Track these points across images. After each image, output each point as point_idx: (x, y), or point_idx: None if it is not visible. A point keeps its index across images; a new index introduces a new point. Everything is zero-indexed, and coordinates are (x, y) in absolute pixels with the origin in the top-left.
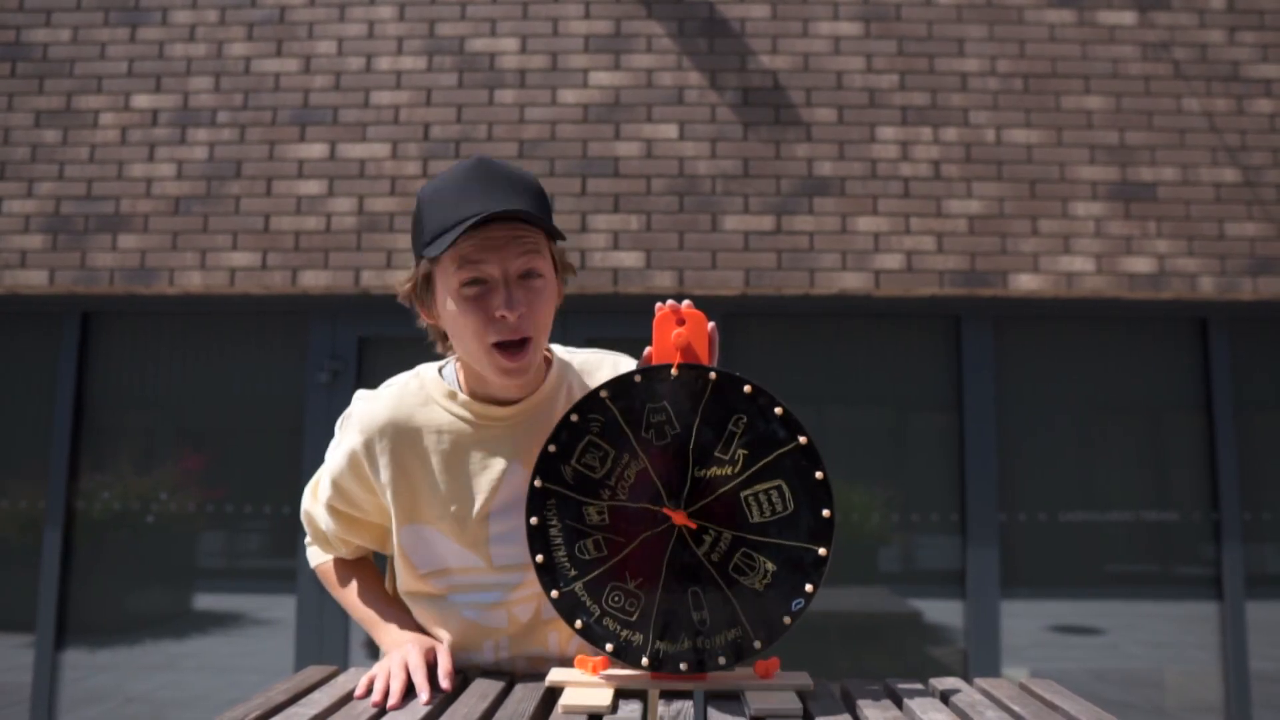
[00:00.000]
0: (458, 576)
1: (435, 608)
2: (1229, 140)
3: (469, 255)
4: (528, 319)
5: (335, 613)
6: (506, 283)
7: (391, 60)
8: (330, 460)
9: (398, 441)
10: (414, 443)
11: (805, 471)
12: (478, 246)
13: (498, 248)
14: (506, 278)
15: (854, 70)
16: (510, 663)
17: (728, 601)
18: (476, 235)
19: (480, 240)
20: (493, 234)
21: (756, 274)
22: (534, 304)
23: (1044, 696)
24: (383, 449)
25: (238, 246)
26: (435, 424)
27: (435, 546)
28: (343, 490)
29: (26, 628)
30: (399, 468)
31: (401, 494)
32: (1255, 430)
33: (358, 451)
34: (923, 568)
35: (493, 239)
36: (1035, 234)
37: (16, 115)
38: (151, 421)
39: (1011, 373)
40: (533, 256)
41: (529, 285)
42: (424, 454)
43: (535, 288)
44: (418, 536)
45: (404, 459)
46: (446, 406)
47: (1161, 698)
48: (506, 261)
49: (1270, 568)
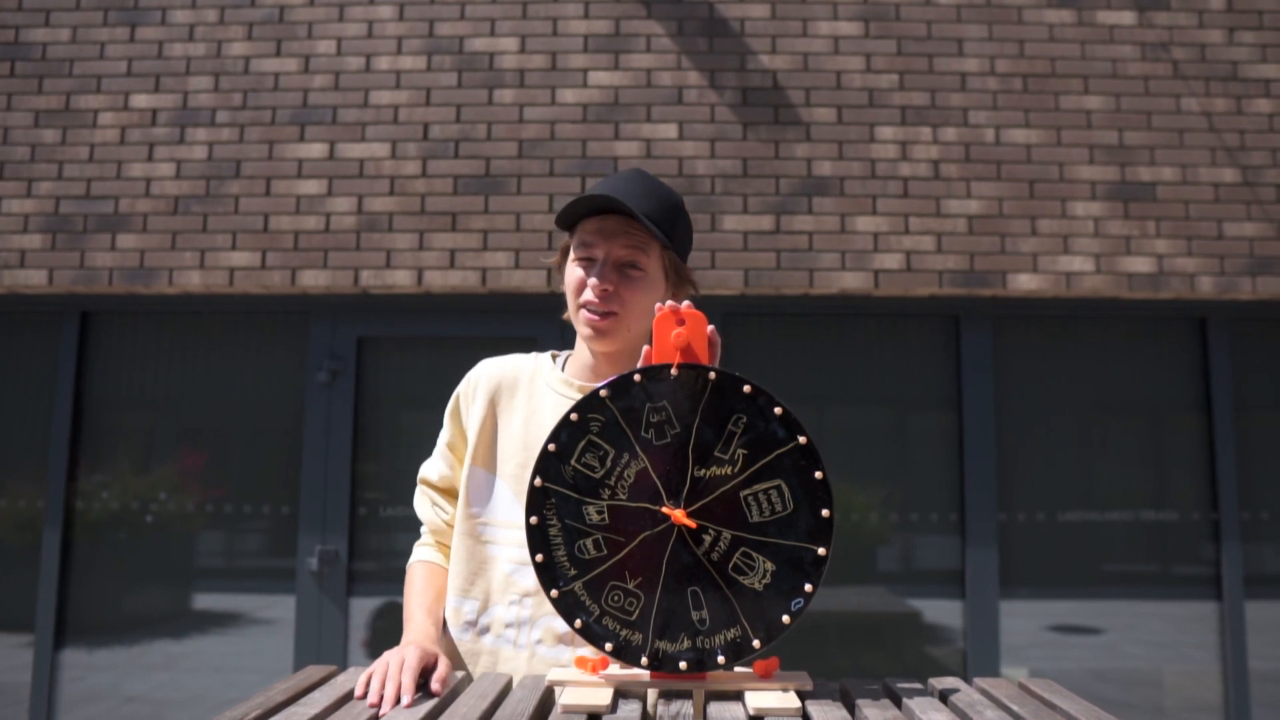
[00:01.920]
0: (501, 530)
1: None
2: (1228, 140)
3: (585, 238)
4: (614, 298)
5: (334, 613)
6: (605, 264)
7: (391, 60)
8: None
9: (496, 392)
10: (509, 397)
11: (805, 471)
12: (593, 232)
13: (607, 236)
14: (607, 260)
15: (853, 70)
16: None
17: (727, 601)
18: (596, 221)
19: (597, 226)
20: (607, 225)
21: (756, 274)
22: (625, 288)
23: (1043, 696)
24: (483, 393)
25: (237, 246)
26: (532, 389)
27: (495, 494)
28: (448, 427)
29: (25, 627)
30: (489, 413)
31: (482, 436)
32: (1254, 430)
33: (464, 390)
34: (922, 567)
35: (606, 229)
36: (1034, 234)
37: (16, 115)
38: (151, 421)
39: (1011, 372)
40: (636, 251)
41: (625, 273)
42: (513, 410)
43: (631, 276)
44: (483, 480)
45: (496, 407)
46: (546, 378)
47: (1161, 697)
48: (611, 248)
49: (1269, 567)
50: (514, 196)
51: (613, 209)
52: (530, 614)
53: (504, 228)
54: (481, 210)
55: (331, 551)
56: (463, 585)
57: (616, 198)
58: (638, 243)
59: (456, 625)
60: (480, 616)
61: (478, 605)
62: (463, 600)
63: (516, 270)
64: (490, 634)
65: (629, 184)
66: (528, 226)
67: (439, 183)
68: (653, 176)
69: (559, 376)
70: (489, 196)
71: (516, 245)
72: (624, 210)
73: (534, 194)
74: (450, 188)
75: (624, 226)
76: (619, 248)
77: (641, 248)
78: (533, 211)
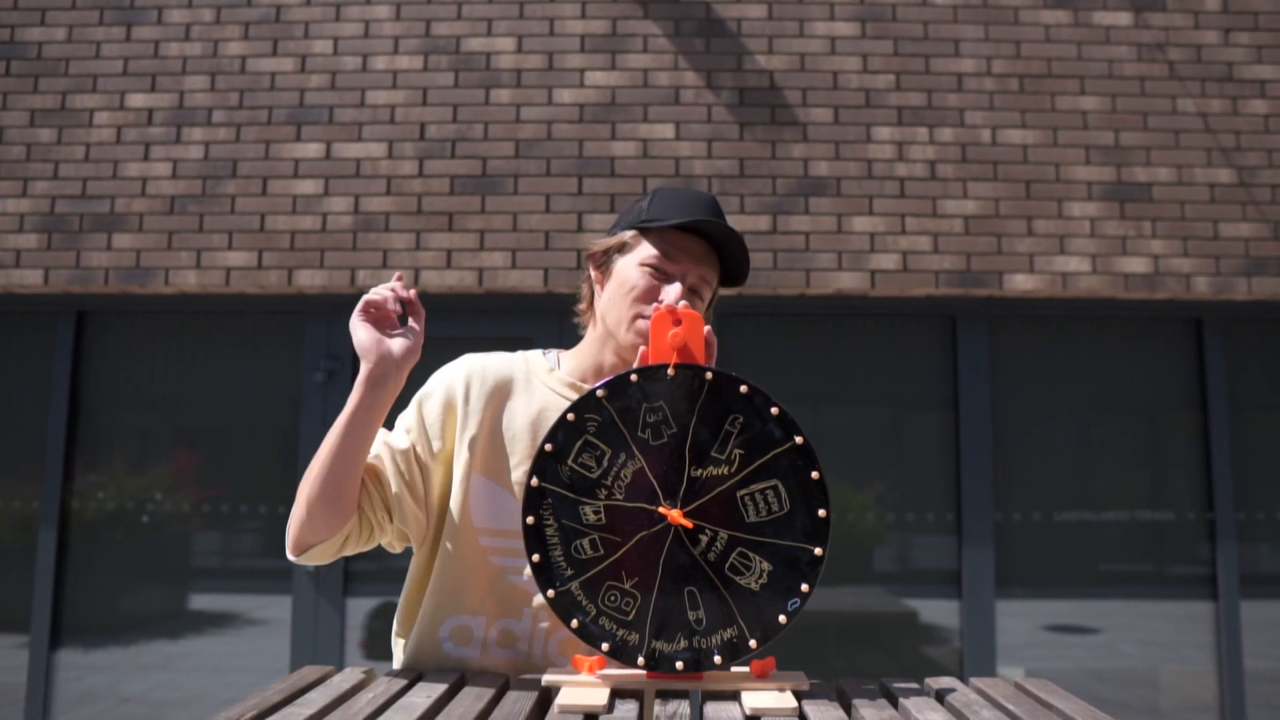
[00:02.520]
0: (512, 540)
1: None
2: (1224, 141)
3: (671, 250)
4: None
5: (330, 613)
6: (684, 283)
7: (387, 60)
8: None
9: (495, 391)
10: (507, 399)
11: (801, 471)
12: (683, 248)
13: (695, 257)
14: (685, 280)
15: (850, 70)
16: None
17: (724, 601)
18: (687, 237)
19: (687, 243)
20: (696, 248)
21: (752, 274)
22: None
23: (1039, 696)
24: (480, 393)
25: (233, 246)
26: (529, 389)
27: (503, 504)
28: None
29: (21, 628)
30: (489, 415)
31: (483, 442)
32: (1250, 430)
33: (456, 384)
34: (918, 567)
35: (694, 250)
36: (1031, 234)
37: (11, 114)
38: (147, 421)
39: (1007, 373)
40: (704, 285)
41: (691, 299)
42: (513, 412)
43: (693, 304)
44: (489, 490)
45: (496, 410)
46: (544, 379)
47: (1157, 697)
48: (690, 271)
49: (1265, 567)
50: (511, 196)
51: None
52: (547, 626)
53: (501, 228)
54: (478, 210)
55: None
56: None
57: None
58: (710, 275)
59: (464, 644)
60: (489, 632)
61: (485, 621)
62: (469, 618)
63: (513, 270)
64: (502, 650)
65: (716, 212)
66: (524, 227)
67: (435, 183)
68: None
69: (559, 378)
70: (486, 196)
71: (513, 245)
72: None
73: (531, 194)
74: (447, 188)
75: (707, 254)
76: (698, 274)
77: (709, 282)
78: (529, 211)
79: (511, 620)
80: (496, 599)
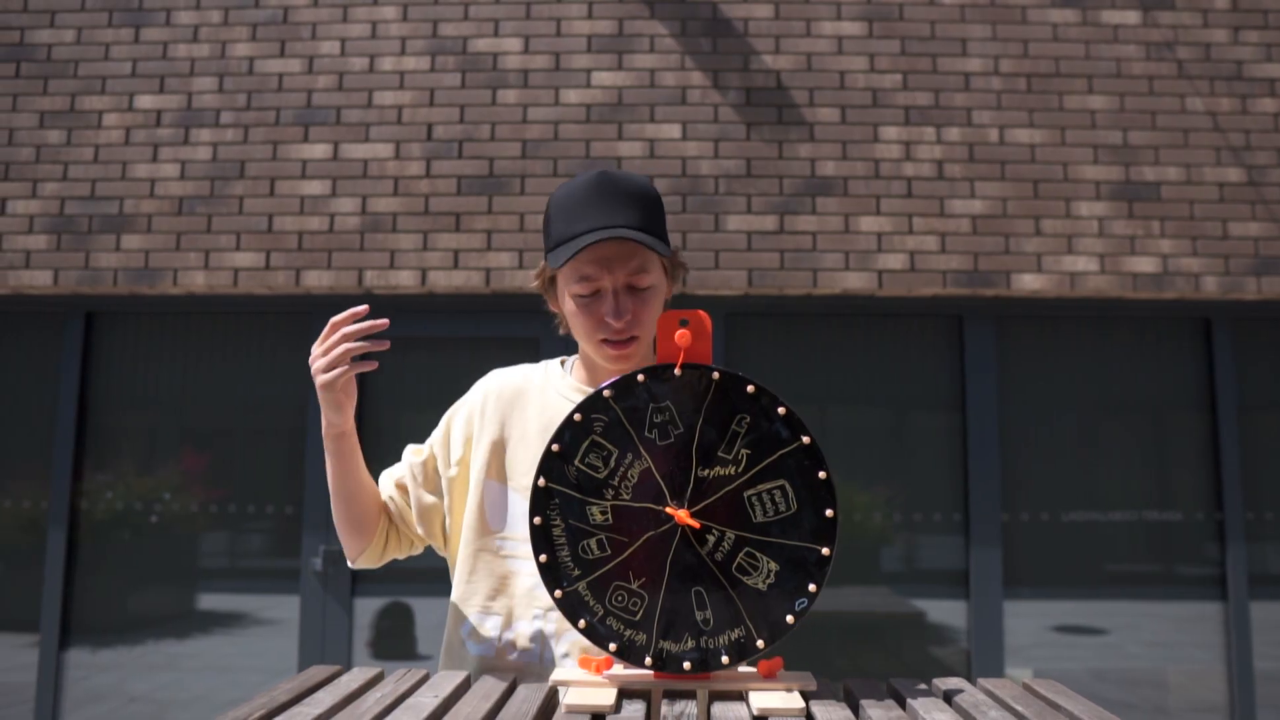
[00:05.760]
0: (523, 544)
1: (496, 567)
2: (1233, 140)
3: (583, 271)
4: (634, 322)
5: (338, 613)
6: (615, 293)
7: (394, 60)
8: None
9: (508, 404)
10: (521, 408)
11: (808, 471)
12: (592, 263)
13: (609, 264)
14: (616, 289)
15: (857, 70)
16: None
17: (731, 601)
18: (591, 251)
19: (594, 257)
20: (605, 252)
21: (759, 274)
22: (640, 310)
23: (1047, 697)
24: (494, 407)
25: (241, 247)
26: (543, 398)
27: (512, 508)
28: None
29: (30, 628)
30: (501, 426)
31: (497, 448)
32: (1258, 430)
33: (475, 398)
34: (926, 567)
35: (605, 257)
36: (1038, 234)
37: (21, 116)
38: (154, 421)
39: (1014, 373)
40: (640, 274)
41: (636, 294)
42: (527, 420)
43: (643, 296)
44: (500, 495)
45: (508, 420)
46: (557, 386)
47: (1165, 698)
48: (616, 276)
49: (1274, 567)
50: (517, 197)
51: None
52: (555, 628)
53: (508, 228)
54: (485, 211)
55: (336, 552)
56: (484, 602)
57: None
58: (639, 263)
59: (480, 643)
60: (504, 632)
61: (501, 620)
62: (484, 617)
63: (520, 270)
64: (516, 650)
65: (606, 199)
66: (531, 227)
67: (442, 183)
68: (620, 173)
69: (569, 383)
70: (492, 197)
71: (520, 245)
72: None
73: (537, 194)
74: (454, 188)
75: (620, 250)
76: (624, 275)
77: (644, 267)
78: (536, 212)
79: (525, 621)
80: (511, 600)
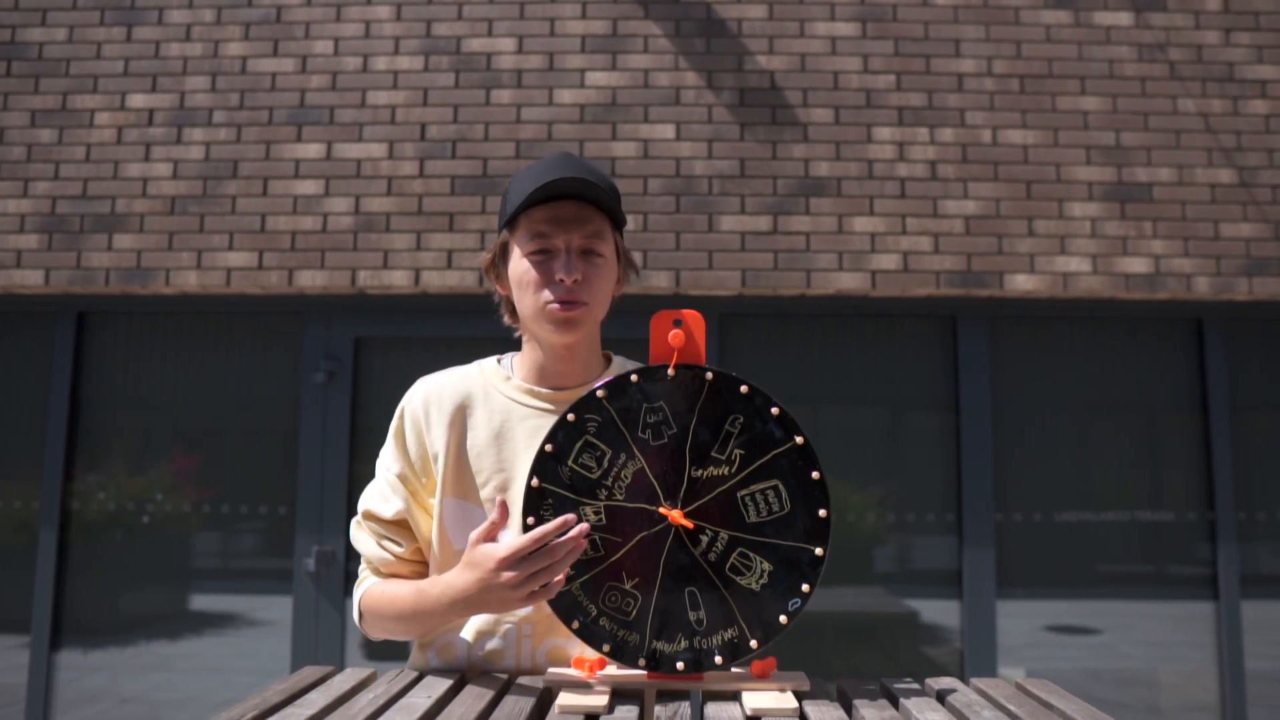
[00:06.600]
0: None
1: None
2: (1224, 141)
3: (539, 228)
4: (584, 286)
5: (331, 614)
6: (569, 252)
7: (388, 60)
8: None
9: (454, 413)
10: (467, 415)
11: (801, 471)
12: (548, 220)
13: (565, 224)
14: (569, 249)
15: (851, 71)
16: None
17: (724, 601)
18: (548, 209)
19: (550, 215)
20: (562, 212)
21: (753, 274)
22: (591, 277)
23: (1040, 696)
24: (440, 415)
25: (234, 246)
26: (489, 403)
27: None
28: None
29: (21, 629)
30: (451, 437)
31: (450, 464)
32: (1250, 430)
33: (417, 412)
34: (919, 568)
35: (561, 217)
36: (1031, 234)
37: (12, 115)
38: (147, 422)
39: (1007, 373)
40: (595, 239)
41: (589, 260)
42: (476, 428)
43: (595, 264)
44: (462, 511)
45: (457, 429)
46: (501, 389)
47: (1157, 697)
48: (571, 237)
49: (1265, 567)
50: None
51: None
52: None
53: None
54: (479, 210)
55: (328, 552)
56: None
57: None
58: (596, 229)
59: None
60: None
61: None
62: (457, 635)
63: None
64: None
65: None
66: None
67: (436, 183)
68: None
69: (516, 385)
70: (486, 197)
71: None
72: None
73: None
74: (447, 188)
75: (578, 213)
76: (580, 236)
77: (600, 234)
78: None
79: (493, 639)
80: (478, 619)
